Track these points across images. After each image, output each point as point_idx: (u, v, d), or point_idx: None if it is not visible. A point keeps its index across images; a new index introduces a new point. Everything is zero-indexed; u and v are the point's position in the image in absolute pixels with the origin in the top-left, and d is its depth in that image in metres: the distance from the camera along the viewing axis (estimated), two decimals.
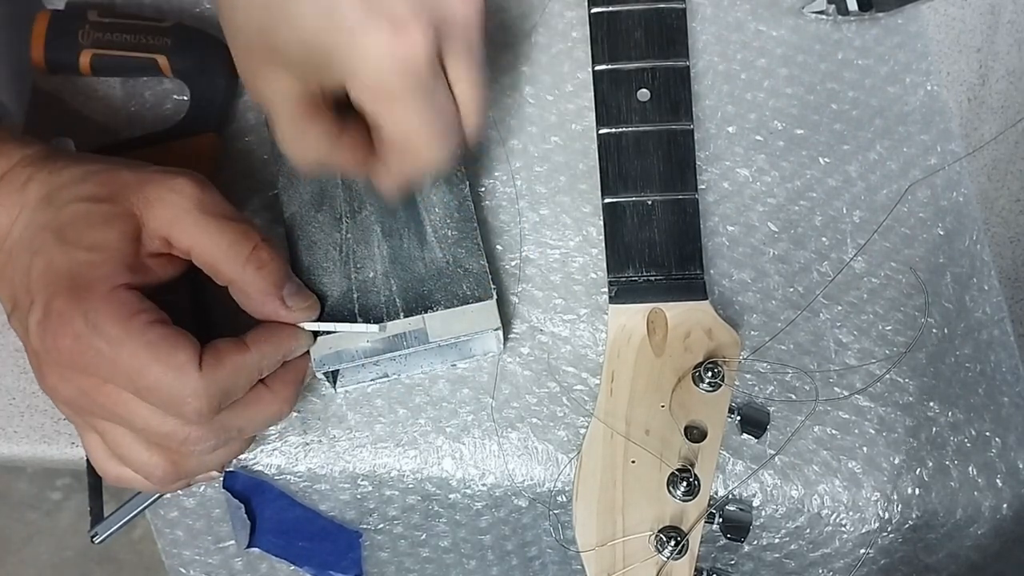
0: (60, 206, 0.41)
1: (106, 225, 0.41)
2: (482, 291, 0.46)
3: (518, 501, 0.48)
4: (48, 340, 0.39)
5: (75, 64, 0.51)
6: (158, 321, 0.40)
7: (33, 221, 0.41)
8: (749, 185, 0.53)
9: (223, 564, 0.51)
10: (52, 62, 0.51)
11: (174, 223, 0.42)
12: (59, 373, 0.40)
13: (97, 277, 0.40)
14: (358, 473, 0.48)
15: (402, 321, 0.46)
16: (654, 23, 0.50)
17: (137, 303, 0.40)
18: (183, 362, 0.40)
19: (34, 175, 0.42)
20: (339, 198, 0.48)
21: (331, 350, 0.45)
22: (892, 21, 0.57)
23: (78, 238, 0.40)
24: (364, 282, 0.46)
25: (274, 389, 0.44)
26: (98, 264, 0.40)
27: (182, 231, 0.42)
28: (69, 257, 0.40)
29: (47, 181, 0.42)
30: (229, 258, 0.42)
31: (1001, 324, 0.51)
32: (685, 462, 0.44)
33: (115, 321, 0.39)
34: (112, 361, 0.39)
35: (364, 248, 0.47)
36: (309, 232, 0.47)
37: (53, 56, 0.51)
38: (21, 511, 1.30)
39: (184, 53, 0.51)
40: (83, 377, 0.40)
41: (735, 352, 0.46)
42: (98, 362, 0.39)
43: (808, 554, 0.49)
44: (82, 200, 0.41)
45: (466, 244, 0.47)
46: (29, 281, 0.40)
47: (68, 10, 0.53)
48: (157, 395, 0.40)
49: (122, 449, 0.42)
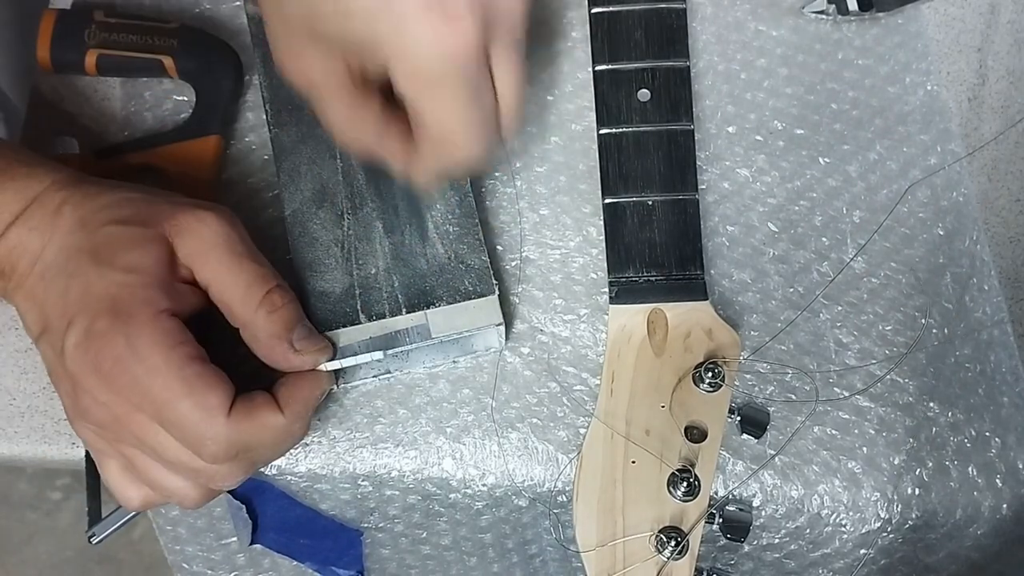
0: (94, 229, 0.41)
1: (141, 248, 0.41)
2: (484, 287, 0.46)
3: (518, 501, 0.48)
4: (89, 361, 0.39)
5: (81, 64, 0.51)
6: (198, 358, 0.40)
7: (67, 244, 0.41)
8: (749, 185, 0.53)
9: (225, 560, 0.51)
10: (58, 61, 0.51)
11: (198, 256, 0.42)
12: (93, 396, 0.40)
13: (139, 300, 0.40)
14: (358, 473, 0.48)
15: (404, 317, 0.46)
16: (654, 23, 0.50)
17: (180, 334, 0.40)
18: (213, 405, 0.40)
19: (68, 199, 0.42)
20: (340, 195, 0.48)
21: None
22: (892, 21, 0.57)
23: (113, 259, 0.40)
24: (366, 278, 0.47)
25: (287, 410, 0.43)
26: (137, 287, 0.40)
27: (204, 265, 0.42)
28: (107, 279, 0.40)
29: (81, 205, 0.42)
30: (244, 301, 0.42)
31: (1001, 324, 0.51)
32: (685, 462, 0.44)
33: (156, 349, 0.39)
34: (146, 389, 0.39)
35: (366, 244, 0.47)
36: (310, 229, 0.47)
37: (59, 55, 0.51)
38: (21, 511, 1.30)
39: (190, 55, 0.51)
40: (117, 401, 0.40)
41: (735, 352, 0.46)
42: (132, 388, 0.39)
43: (808, 554, 0.49)
44: (116, 223, 0.41)
45: (468, 240, 0.47)
46: (66, 304, 0.40)
47: (74, 10, 0.53)
48: (180, 431, 0.40)
49: (152, 474, 0.42)
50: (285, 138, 0.49)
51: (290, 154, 0.49)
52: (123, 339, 0.39)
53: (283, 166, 0.48)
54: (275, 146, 0.49)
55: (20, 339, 0.50)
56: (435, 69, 0.38)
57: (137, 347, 0.39)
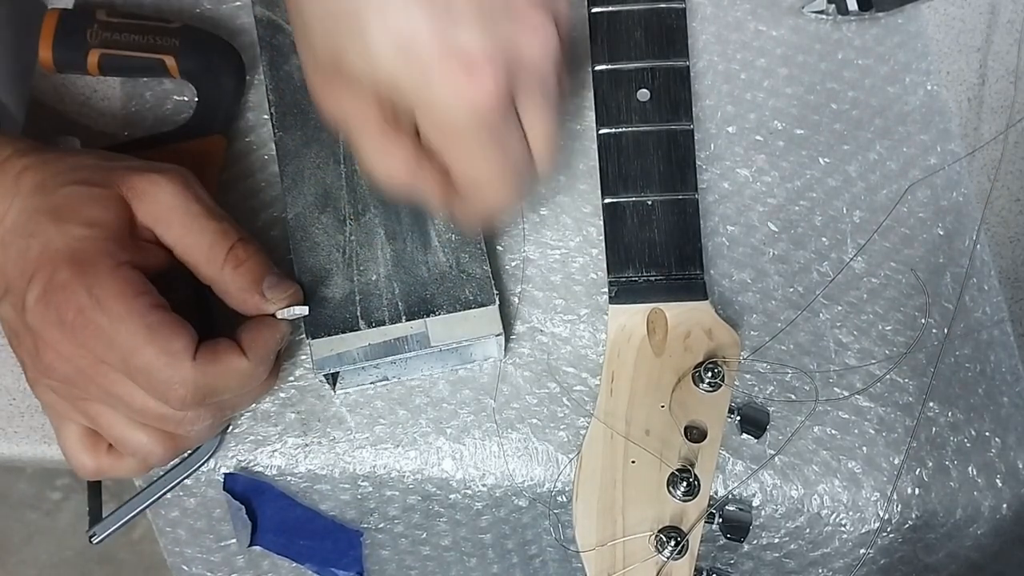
0: (53, 190, 0.42)
1: (100, 204, 0.41)
2: (485, 296, 0.46)
3: (518, 501, 0.48)
4: (51, 314, 0.40)
5: (83, 63, 0.51)
6: (160, 306, 0.41)
7: (27, 206, 0.41)
8: (749, 185, 0.53)
9: (225, 561, 0.51)
10: (60, 61, 0.51)
11: (159, 218, 0.43)
12: (56, 351, 0.40)
13: (99, 252, 0.40)
14: (358, 474, 0.48)
15: (404, 324, 0.46)
16: (654, 23, 0.50)
17: (141, 284, 0.41)
18: (178, 350, 0.40)
19: (29, 165, 0.42)
20: (343, 200, 0.48)
21: (332, 352, 0.45)
22: (892, 21, 0.57)
23: (73, 216, 0.41)
24: (367, 285, 0.46)
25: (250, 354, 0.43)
26: (98, 239, 0.41)
27: (166, 229, 0.43)
28: (67, 235, 0.40)
29: (41, 169, 0.42)
30: (209, 259, 0.43)
31: (1001, 324, 0.51)
32: (685, 462, 0.44)
33: (119, 299, 0.40)
34: (110, 339, 0.39)
35: (367, 251, 0.47)
36: (312, 234, 0.47)
37: (61, 55, 0.51)
38: (21, 511, 1.30)
39: (192, 55, 0.51)
40: (81, 354, 0.40)
41: (735, 352, 0.46)
42: (96, 338, 0.39)
43: (808, 554, 0.49)
44: (76, 183, 0.42)
45: (469, 249, 0.47)
46: (26, 262, 0.40)
47: (77, 9, 0.53)
48: (146, 378, 0.40)
49: (116, 431, 0.43)
50: (289, 142, 0.49)
51: (294, 158, 0.48)
52: (85, 290, 0.39)
53: (287, 170, 0.48)
54: (279, 150, 0.49)
55: None
56: (456, 123, 0.37)
57: (100, 297, 0.39)
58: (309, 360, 0.46)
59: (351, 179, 0.48)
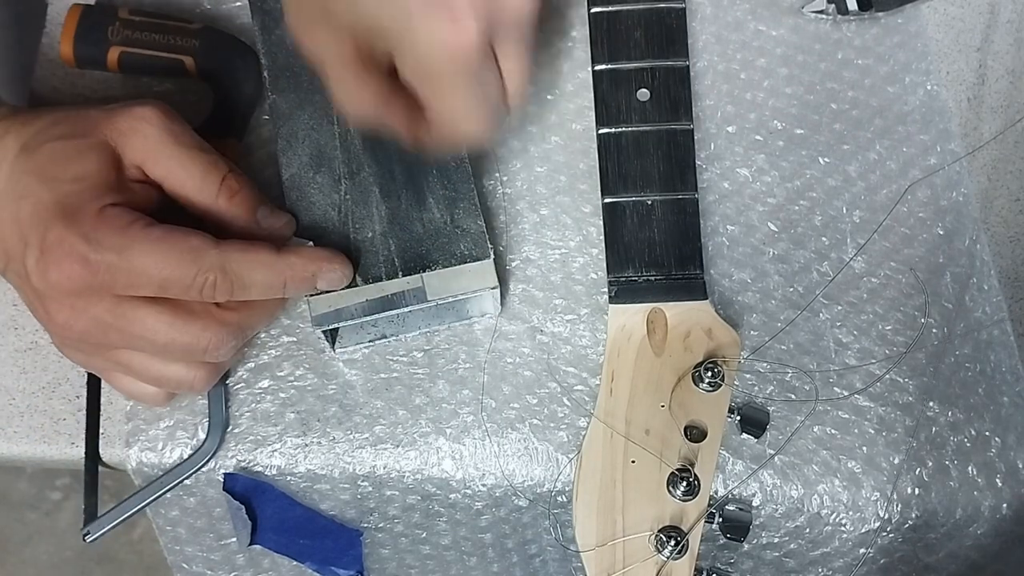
0: (36, 149, 0.42)
1: (84, 157, 0.42)
2: (479, 250, 0.47)
3: (518, 501, 0.48)
4: (52, 272, 0.40)
5: (103, 60, 0.51)
6: (159, 223, 0.41)
7: (13, 170, 0.42)
8: (749, 185, 0.53)
9: (225, 560, 0.51)
10: (80, 56, 0.51)
11: (147, 153, 0.43)
12: (70, 305, 0.40)
13: (85, 200, 0.40)
14: (358, 474, 0.48)
15: (400, 280, 0.46)
16: (654, 23, 0.50)
17: (129, 214, 0.41)
18: (197, 244, 0.41)
19: (9, 129, 0.43)
20: (338, 160, 0.48)
21: (330, 308, 0.46)
22: (892, 21, 0.57)
23: (60, 173, 0.41)
24: (363, 242, 0.47)
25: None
26: (84, 191, 0.41)
27: (155, 162, 0.43)
28: (55, 191, 0.40)
29: (21, 132, 0.42)
30: (201, 190, 0.43)
31: (1001, 324, 0.51)
32: (685, 462, 0.44)
33: (115, 232, 0.40)
34: (127, 268, 0.40)
35: (363, 209, 0.47)
36: (308, 193, 0.48)
37: (81, 50, 0.51)
38: (21, 511, 1.30)
39: (211, 56, 0.51)
40: (95, 302, 0.40)
41: (735, 352, 0.46)
42: (112, 276, 0.40)
43: (808, 553, 0.49)
44: (57, 139, 0.42)
45: (463, 205, 0.48)
46: (19, 225, 0.41)
47: (99, 6, 0.53)
48: (177, 282, 0.40)
49: (152, 371, 0.43)
50: (283, 103, 0.49)
51: (288, 119, 0.49)
52: (81, 239, 0.39)
53: (281, 131, 0.49)
54: (273, 111, 0.49)
55: (20, 339, 0.50)
56: (437, 66, 0.39)
57: (98, 239, 0.40)
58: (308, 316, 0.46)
59: (345, 139, 0.49)
